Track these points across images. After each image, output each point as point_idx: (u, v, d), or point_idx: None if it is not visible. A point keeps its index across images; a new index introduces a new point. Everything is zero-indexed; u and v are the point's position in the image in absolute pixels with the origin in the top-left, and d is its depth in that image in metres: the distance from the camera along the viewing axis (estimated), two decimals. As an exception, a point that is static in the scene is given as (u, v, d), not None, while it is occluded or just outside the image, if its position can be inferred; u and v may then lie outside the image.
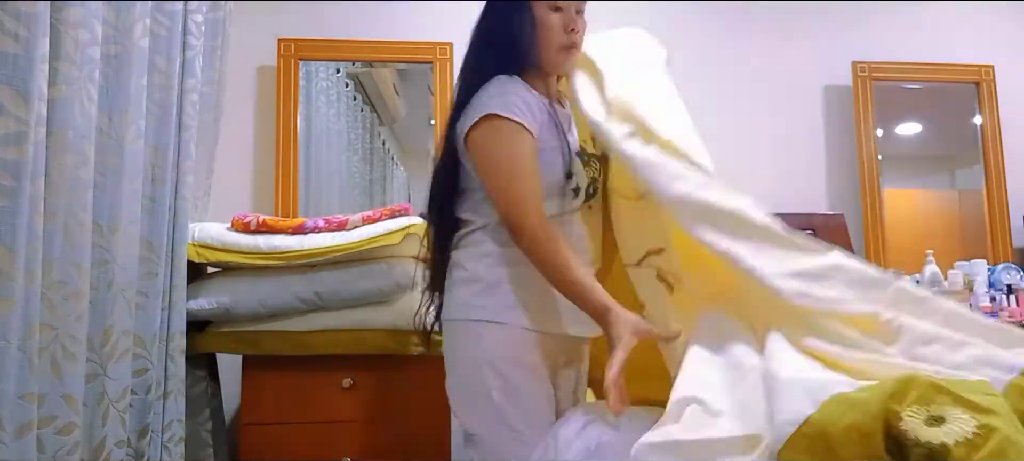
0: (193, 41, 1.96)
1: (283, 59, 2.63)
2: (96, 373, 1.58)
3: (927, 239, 2.81)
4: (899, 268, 2.70)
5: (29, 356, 1.28)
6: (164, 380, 1.81)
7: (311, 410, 1.97)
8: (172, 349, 1.83)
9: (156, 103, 1.80)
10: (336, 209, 2.37)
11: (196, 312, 1.91)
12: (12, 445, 1.24)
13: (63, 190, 1.42)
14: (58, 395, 1.42)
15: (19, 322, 1.25)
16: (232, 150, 2.57)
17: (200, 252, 1.93)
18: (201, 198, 2.14)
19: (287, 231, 1.96)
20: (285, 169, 2.58)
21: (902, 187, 2.96)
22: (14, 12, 1.24)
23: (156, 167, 1.80)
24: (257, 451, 1.95)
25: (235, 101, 2.56)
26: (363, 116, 2.77)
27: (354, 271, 1.92)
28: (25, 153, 1.25)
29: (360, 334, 1.93)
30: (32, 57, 1.26)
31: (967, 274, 2.66)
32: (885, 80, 2.94)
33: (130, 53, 1.64)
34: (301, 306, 1.92)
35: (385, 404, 1.98)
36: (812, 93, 2.97)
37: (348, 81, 2.75)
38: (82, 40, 1.44)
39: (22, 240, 1.25)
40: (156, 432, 1.78)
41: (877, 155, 2.89)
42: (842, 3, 3.03)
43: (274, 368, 1.97)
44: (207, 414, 2.07)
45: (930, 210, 3.06)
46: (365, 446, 1.96)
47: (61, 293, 1.43)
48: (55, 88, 1.38)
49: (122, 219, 1.62)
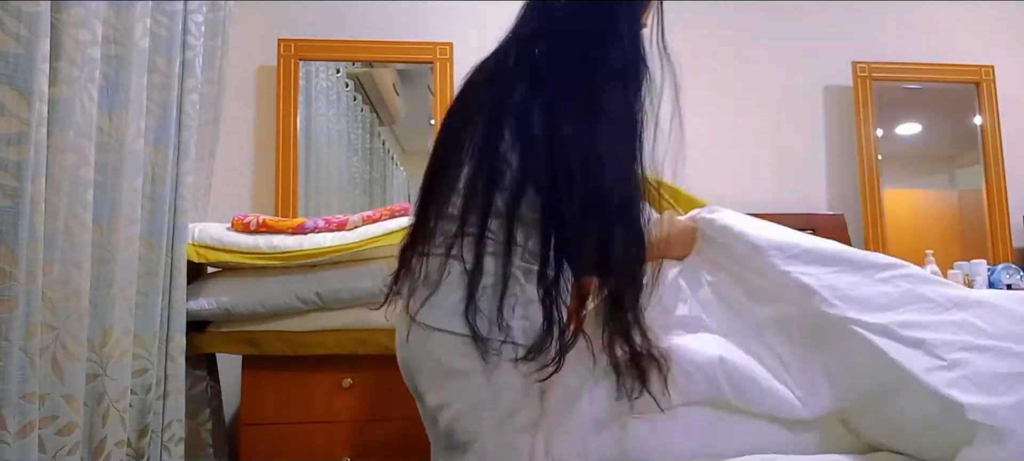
0: (193, 41, 1.96)
1: (283, 59, 2.63)
2: (96, 373, 1.58)
3: (927, 239, 2.82)
4: (899, 268, 2.71)
5: (30, 356, 1.28)
6: (164, 380, 1.81)
7: (311, 410, 1.97)
8: (172, 349, 1.83)
9: (156, 103, 1.80)
10: (336, 209, 2.38)
11: (196, 312, 1.91)
12: (15, 445, 1.24)
13: (63, 190, 1.42)
14: (59, 395, 1.42)
15: (20, 322, 1.25)
16: (232, 150, 2.57)
17: (200, 252, 1.93)
18: (201, 198, 2.14)
19: (287, 231, 1.96)
20: (285, 169, 2.58)
21: (902, 187, 2.97)
22: (15, 12, 1.24)
23: (156, 167, 1.80)
24: (257, 451, 1.95)
25: (235, 101, 2.56)
26: (363, 116, 2.77)
27: (354, 271, 1.92)
28: (26, 153, 1.25)
29: (360, 334, 1.93)
30: (33, 57, 1.26)
31: (967, 274, 2.67)
32: (885, 80, 2.94)
33: (130, 53, 1.64)
34: (301, 306, 1.92)
35: (385, 404, 1.98)
36: (812, 93, 2.97)
37: (348, 81, 2.75)
38: (82, 40, 1.44)
39: (23, 240, 1.25)
40: (156, 432, 1.78)
41: (877, 155, 2.89)
42: (842, 3, 3.03)
43: (274, 368, 1.97)
44: (207, 414, 2.07)
45: (930, 210, 3.06)
46: (365, 446, 1.96)
47: (62, 293, 1.43)
48: (55, 88, 1.38)
49: (122, 219, 1.62)
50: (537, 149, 1.08)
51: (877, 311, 1.06)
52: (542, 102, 1.09)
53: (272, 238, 1.94)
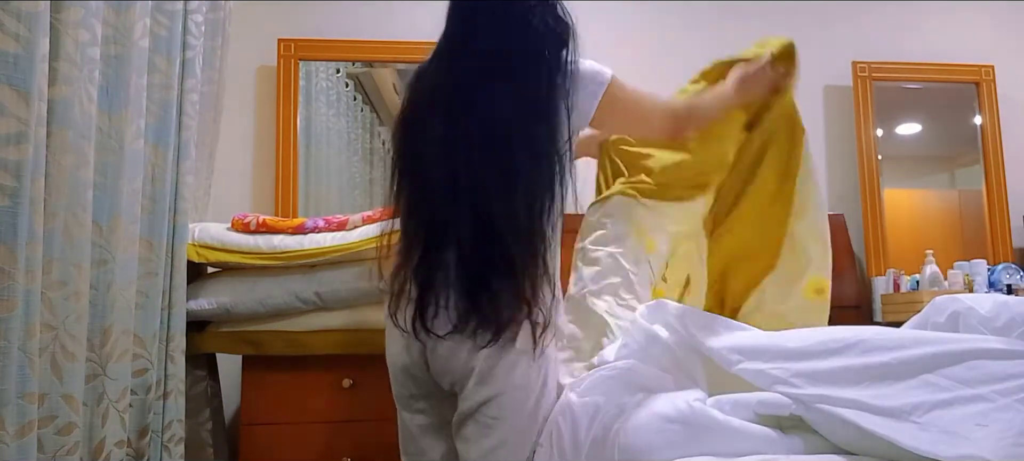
0: (193, 41, 1.96)
1: (283, 59, 2.63)
2: (96, 373, 1.58)
3: (927, 239, 2.82)
4: (899, 268, 2.71)
5: (29, 356, 1.28)
6: (164, 380, 1.81)
7: (311, 410, 1.97)
8: (172, 349, 1.83)
9: (156, 103, 1.80)
10: (336, 209, 2.37)
11: (196, 312, 1.91)
12: (14, 445, 1.24)
13: (63, 190, 1.42)
14: (58, 395, 1.42)
15: (20, 322, 1.25)
16: (232, 150, 2.57)
17: (200, 252, 1.93)
18: (201, 198, 2.14)
19: (287, 231, 1.96)
20: (285, 169, 2.58)
21: (902, 187, 2.97)
22: (14, 12, 1.24)
23: (156, 167, 1.80)
24: (257, 451, 1.95)
25: (235, 101, 2.56)
26: (363, 116, 2.77)
27: (354, 271, 1.92)
28: (25, 153, 1.25)
29: (360, 334, 1.92)
30: (32, 57, 1.26)
31: (967, 274, 2.67)
32: (885, 80, 2.94)
33: (130, 53, 1.64)
34: (301, 306, 1.92)
35: (385, 404, 1.96)
36: (812, 93, 2.97)
37: (348, 81, 2.75)
38: (82, 40, 1.44)
39: (22, 240, 1.25)
40: (156, 432, 1.78)
41: (877, 155, 2.89)
42: (842, 3, 3.03)
43: (274, 368, 1.97)
44: (207, 414, 2.07)
45: (930, 210, 3.06)
46: (365, 446, 1.96)
47: (61, 293, 1.43)
48: (55, 88, 1.38)
49: (122, 219, 1.62)
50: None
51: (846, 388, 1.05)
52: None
53: (272, 238, 1.94)
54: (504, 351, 1.19)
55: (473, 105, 1.23)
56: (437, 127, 1.26)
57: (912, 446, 0.92)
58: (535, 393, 1.23)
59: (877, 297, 2.73)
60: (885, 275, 2.73)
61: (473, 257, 1.19)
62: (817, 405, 1.03)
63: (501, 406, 1.20)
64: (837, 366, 1.07)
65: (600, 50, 1.38)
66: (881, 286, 2.73)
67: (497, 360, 1.19)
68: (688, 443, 1.07)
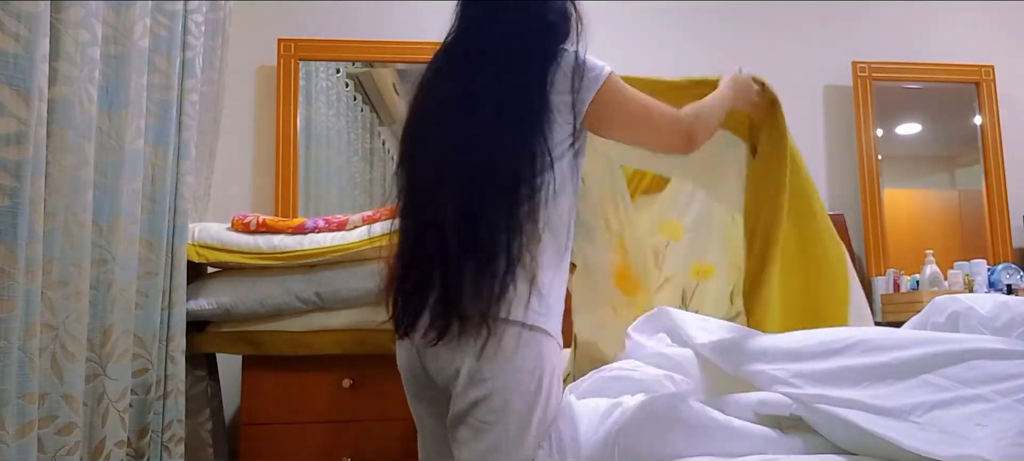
0: (193, 41, 1.96)
1: (283, 59, 2.63)
2: (96, 373, 1.58)
3: (927, 239, 2.82)
4: (899, 268, 2.71)
5: (30, 356, 1.28)
6: (164, 380, 1.81)
7: (311, 410, 1.97)
8: (172, 349, 1.83)
9: (156, 103, 1.80)
10: (336, 209, 2.38)
11: (196, 312, 1.91)
12: (14, 444, 1.24)
13: (63, 190, 1.42)
14: (58, 395, 1.42)
15: (20, 322, 1.25)
16: (232, 150, 2.57)
17: (200, 252, 1.93)
18: (201, 198, 2.14)
19: (287, 231, 1.96)
20: (285, 169, 2.58)
21: (902, 187, 2.97)
22: (14, 12, 1.24)
23: (156, 167, 1.80)
24: (257, 451, 1.95)
25: (235, 101, 2.56)
26: (363, 116, 2.77)
27: (354, 271, 1.92)
28: (25, 153, 1.25)
29: (360, 334, 1.93)
30: (32, 57, 1.26)
31: (967, 274, 2.67)
32: (885, 80, 2.94)
33: (130, 53, 1.64)
34: (301, 306, 1.92)
35: (385, 404, 1.98)
36: (812, 93, 2.97)
37: (348, 81, 2.75)
38: (82, 40, 1.44)
39: (22, 240, 1.25)
40: (156, 432, 1.78)
41: (877, 155, 2.89)
42: (842, 3, 3.03)
43: (274, 368, 1.97)
44: (207, 414, 2.07)
45: (930, 210, 3.06)
46: (365, 446, 1.96)
47: (61, 293, 1.43)
48: (55, 88, 1.38)
49: (122, 219, 1.62)
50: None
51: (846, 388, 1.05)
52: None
53: (272, 238, 1.94)
54: (490, 352, 1.17)
55: (460, 104, 1.24)
56: (428, 127, 1.27)
57: (912, 446, 0.92)
58: (527, 398, 1.18)
59: (877, 297, 2.73)
60: (885, 275, 2.74)
61: (456, 256, 1.18)
62: (817, 405, 1.03)
63: (491, 408, 1.17)
64: (837, 366, 1.07)
65: (600, 50, 1.38)
66: (881, 286, 2.73)
67: (484, 361, 1.17)
68: (688, 443, 1.07)
